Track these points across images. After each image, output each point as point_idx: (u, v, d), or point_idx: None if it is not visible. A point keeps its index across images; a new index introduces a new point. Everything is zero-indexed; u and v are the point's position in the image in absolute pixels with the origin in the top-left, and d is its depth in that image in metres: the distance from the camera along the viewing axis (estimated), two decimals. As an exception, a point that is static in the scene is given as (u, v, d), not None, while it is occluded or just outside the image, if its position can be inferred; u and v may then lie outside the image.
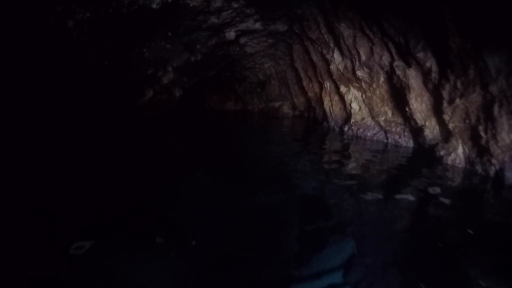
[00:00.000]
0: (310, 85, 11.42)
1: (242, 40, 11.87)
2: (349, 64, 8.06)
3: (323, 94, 10.04)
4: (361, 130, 8.17)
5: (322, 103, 10.46)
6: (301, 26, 9.78)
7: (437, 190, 4.10)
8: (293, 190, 4.11)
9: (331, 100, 9.70)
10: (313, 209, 3.47)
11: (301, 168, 5.24)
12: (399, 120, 7.00)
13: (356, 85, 8.06)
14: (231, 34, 11.20)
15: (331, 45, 8.65)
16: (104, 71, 10.06)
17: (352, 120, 8.49)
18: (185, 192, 3.95)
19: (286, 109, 16.57)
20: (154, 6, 8.01)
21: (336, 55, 8.48)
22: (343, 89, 8.70)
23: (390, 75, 6.64)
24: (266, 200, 3.65)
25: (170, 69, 13.94)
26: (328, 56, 8.93)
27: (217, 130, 9.82)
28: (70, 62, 8.59)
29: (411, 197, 3.83)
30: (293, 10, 9.26)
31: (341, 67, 8.42)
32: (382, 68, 6.85)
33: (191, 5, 8.79)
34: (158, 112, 14.93)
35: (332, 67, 8.76)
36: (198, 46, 11.74)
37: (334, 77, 8.92)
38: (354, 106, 8.36)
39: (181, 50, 12.36)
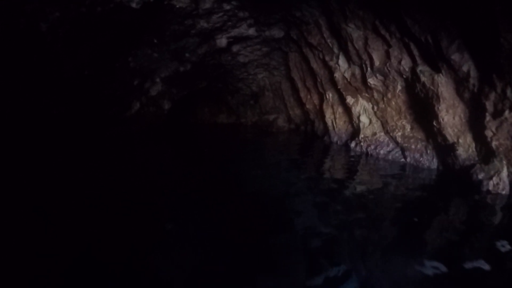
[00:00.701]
0: (309, 96, 10.43)
1: (235, 48, 10.87)
2: (357, 71, 7.08)
3: (324, 106, 9.06)
4: (372, 147, 7.13)
5: (323, 116, 9.46)
6: (300, 31, 8.82)
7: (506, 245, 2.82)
8: (290, 228, 3.24)
9: (334, 113, 8.71)
10: (314, 257, 2.64)
11: (301, 200, 4.17)
12: (421, 135, 5.99)
13: (366, 95, 7.06)
14: (222, 41, 10.19)
15: (335, 50, 7.67)
16: (84, 81, 8.93)
17: (361, 136, 7.46)
18: (157, 233, 3.06)
19: (281, 122, 15.53)
20: (134, 5, 6.96)
21: (342, 62, 7.50)
22: (349, 100, 7.70)
23: (411, 82, 5.64)
24: (258, 244, 2.82)
25: (158, 80, 12.93)
26: (331, 63, 7.95)
27: (205, 150, 8.52)
28: (45, 70, 7.46)
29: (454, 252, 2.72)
30: (291, 12, 8.29)
31: (347, 75, 7.44)
32: (401, 75, 5.86)
33: (177, 6, 7.76)
34: (146, 126, 13.84)
35: (337, 75, 7.78)
36: (187, 55, 10.70)
37: (338, 87, 7.93)
38: (363, 119, 7.34)
39: (169, 59, 11.33)
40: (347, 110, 7.93)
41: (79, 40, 7.53)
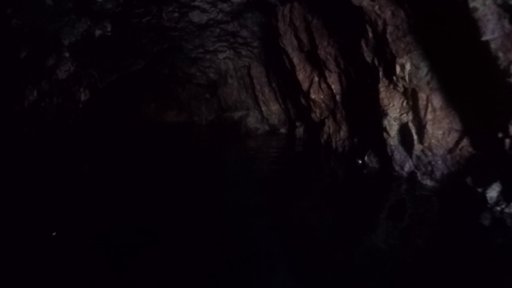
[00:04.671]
0: (317, 78, 6.31)
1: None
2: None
3: (384, 93, 4.86)
4: None
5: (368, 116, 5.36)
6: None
7: None
8: None
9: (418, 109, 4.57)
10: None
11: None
12: None
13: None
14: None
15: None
16: None
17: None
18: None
19: (252, 122, 11.26)
20: None
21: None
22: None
23: None
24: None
25: (66, 54, 8.32)
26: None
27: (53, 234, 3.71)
28: None
29: None
30: None
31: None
32: None
33: None
34: (47, 128, 9.35)
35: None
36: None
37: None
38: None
39: (73, 10, 6.72)
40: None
41: None
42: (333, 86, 5.88)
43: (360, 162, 5.16)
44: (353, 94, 5.46)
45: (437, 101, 3.93)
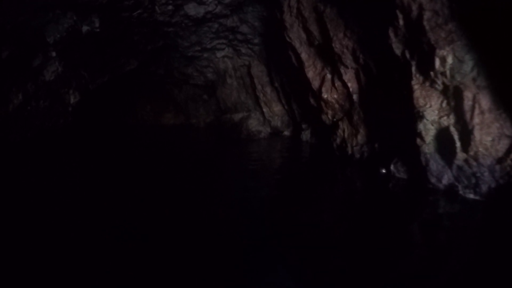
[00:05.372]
0: (329, 75, 5.61)
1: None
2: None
3: (418, 91, 4.09)
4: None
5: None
6: None
7: None
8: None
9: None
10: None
11: None
12: None
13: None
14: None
15: None
16: None
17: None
18: None
19: (254, 124, 10.51)
20: None
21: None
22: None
23: None
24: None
25: (53, 53, 7.76)
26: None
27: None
28: None
29: None
30: None
31: None
32: None
33: None
34: (34, 132, 8.65)
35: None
36: (85, -10, 5.54)
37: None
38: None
39: (56, 2, 6.07)
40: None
41: None
42: (349, 84, 5.18)
43: (384, 171, 4.49)
44: (374, 93, 4.77)
45: (485, 101, 3.28)
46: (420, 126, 3.70)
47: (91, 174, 5.89)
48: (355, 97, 5.17)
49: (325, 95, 5.69)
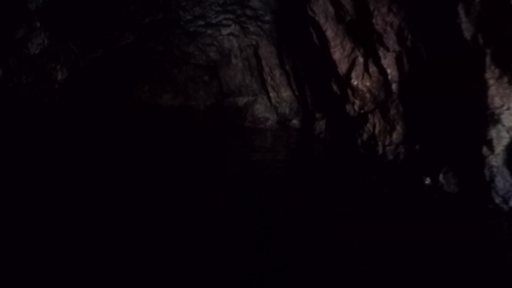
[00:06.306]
0: (362, 59, 4.65)
1: None
2: None
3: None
4: None
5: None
6: None
7: None
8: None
9: None
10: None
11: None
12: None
13: None
14: None
15: None
16: None
17: None
18: None
19: (261, 110, 9.61)
20: None
21: None
22: None
23: None
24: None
25: (37, 23, 6.89)
26: None
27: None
28: None
29: None
30: None
31: None
32: None
33: None
34: (16, 112, 7.71)
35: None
36: None
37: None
38: None
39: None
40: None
41: None
42: (388, 71, 4.27)
43: (428, 181, 3.70)
44: (421, 83, 3.90)
45: None
46: (492, 133, 2.89)
47: (75, 162, 5.37)
48: (394, 86, 4.29)
49: (354, 82, 4.78)
